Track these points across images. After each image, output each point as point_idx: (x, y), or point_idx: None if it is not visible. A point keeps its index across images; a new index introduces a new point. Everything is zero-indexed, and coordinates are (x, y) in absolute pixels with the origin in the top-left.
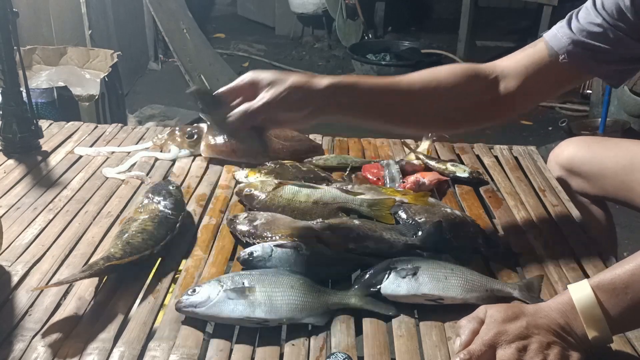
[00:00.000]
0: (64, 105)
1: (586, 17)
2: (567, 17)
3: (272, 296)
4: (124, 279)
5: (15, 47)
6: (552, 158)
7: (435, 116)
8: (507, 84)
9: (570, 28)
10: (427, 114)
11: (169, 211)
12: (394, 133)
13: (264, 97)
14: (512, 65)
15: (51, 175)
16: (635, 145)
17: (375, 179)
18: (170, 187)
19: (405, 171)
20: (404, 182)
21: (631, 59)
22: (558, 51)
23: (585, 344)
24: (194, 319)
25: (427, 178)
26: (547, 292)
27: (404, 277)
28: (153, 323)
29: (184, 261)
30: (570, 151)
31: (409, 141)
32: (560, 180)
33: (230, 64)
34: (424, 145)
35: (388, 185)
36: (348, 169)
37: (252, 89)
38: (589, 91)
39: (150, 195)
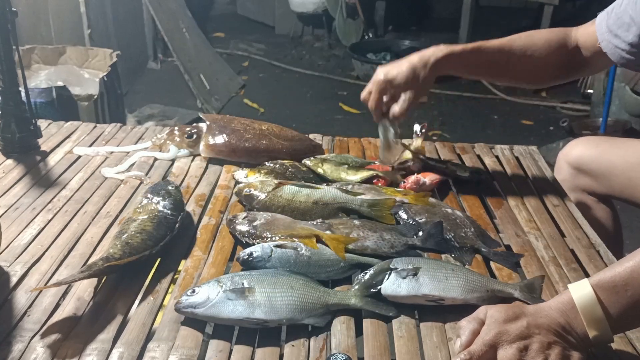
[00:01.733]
0: (62, 105)
1: (618, 22)
2: (611, 6)
3: (271, 297)
4: (123, 279)
5: (14, 47)
6: (561, 157)
7: (528, 74)
8: (584, 52)
9: (608, 24)
10: (521, 73)
11: (168, 211)
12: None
13: (406, 100)
14: (586, 36)
15: (50, 175)
16: None
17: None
18: (170, 187)
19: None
20: (404, 182)
21: None
22: (598, 38)
23: (586, 343)
24: (193, 320)
25: (428, 178)
26: (548, 292)
27: (404, 278)
28: (152, 324)
29: (183, 261)
30: (579, 150)
31: (405, 141)
32: (569, 179)
33: (229, 63)
34: (416, 143)
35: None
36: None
37: (387, 85)
38: (590, 91)
39: (149, 195)
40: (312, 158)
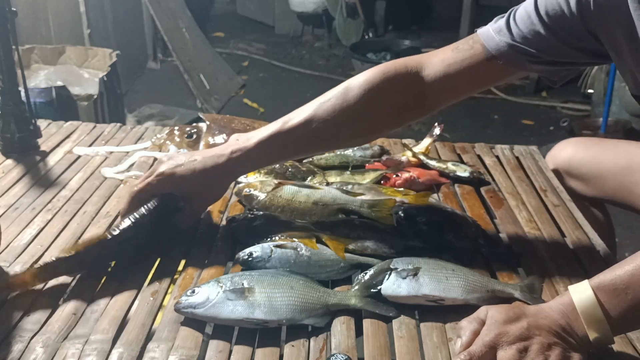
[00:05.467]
0: (62, 105)
1: (526, 22)
2: (506, 16)
3: (271, 297)
4: (122, 279)
5: (13, 47)
6: (549, 159)
7: (351, 134)
8: (435, 81)
9: (509, 31)
10: (350, 131)
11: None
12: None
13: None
14: (440, 62)
15: (49, 175)
16: (634, 146)
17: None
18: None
19: (386, 166)
20: (397, 176)
21: (572, 63)
22: (494, 54)
23: (586, 345)
24: (193, 320)
25: (418, 174)
26: (549, 293)
27: (404, 278)
28: (152, 324)
29: (183, 262)
30: (568, 152)
31: (408, 141)
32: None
33: (229, 63)
34: (424, 143)
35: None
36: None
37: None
38: (590, 91)
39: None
40: (316, 174)
